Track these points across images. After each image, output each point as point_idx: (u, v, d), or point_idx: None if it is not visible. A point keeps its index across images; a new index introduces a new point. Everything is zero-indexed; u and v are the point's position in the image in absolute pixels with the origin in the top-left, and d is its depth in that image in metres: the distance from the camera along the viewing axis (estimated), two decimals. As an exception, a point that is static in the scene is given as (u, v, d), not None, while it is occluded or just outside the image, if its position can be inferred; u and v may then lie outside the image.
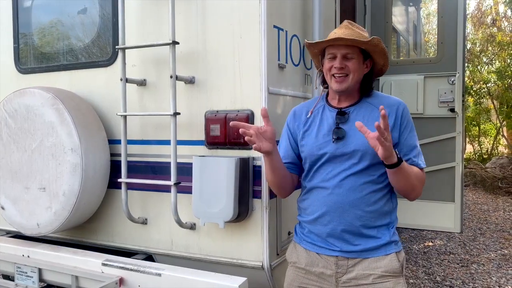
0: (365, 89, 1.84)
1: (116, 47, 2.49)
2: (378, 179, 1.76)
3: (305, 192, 1.91)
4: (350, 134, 1.76)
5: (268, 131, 1.70)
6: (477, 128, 12.13)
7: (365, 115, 1.78)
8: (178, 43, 2.30)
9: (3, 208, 2.64)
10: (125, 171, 2.47)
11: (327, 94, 1.92)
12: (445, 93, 4.02)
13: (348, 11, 3.96)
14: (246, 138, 1.66)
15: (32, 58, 2.98)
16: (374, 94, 1.86)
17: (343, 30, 1.75)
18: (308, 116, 1.89)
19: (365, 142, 1.66)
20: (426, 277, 4.34)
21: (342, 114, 1.80)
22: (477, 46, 11.97)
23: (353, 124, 1.73)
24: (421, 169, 1.80)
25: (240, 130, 1.67)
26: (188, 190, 2.33)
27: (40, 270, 2.51)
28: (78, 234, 2.82)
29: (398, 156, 1.62)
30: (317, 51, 1.87)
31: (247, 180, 2.24)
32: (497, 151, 11.95)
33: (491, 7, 12.89)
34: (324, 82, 1.89)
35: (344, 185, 1.75)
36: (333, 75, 1.77)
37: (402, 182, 1.72)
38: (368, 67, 1.81)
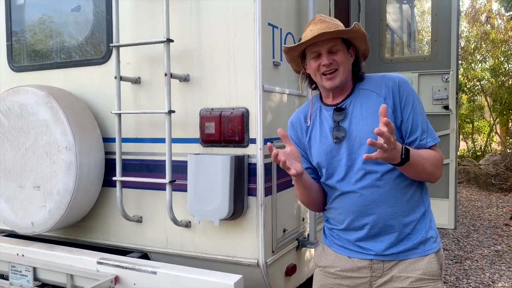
0: (356, 76, 1.74)
1: (110, 45, 2.48)
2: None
3: (329, 201, 1.77)
4: (353, 129, 1.65)
5: (293, 151, 1.57)
6: (470, 125, 12.20)
7: (362, 103, 1.68)
8: (172, 41, 2.30)
9: (-3, 207, 2.63)
10: (120, 169, 2.47)
11: (320, 93, 1.81)
12: (439, 90, 4.04)
13: (342, 9, 3.97)
14: (281, 164, 1.51)
15: (26, 56, 2.96)
16: (366, 78, 1.75)
17: (319, 25, 1.64)
18: (308, 125, 1.78)
19: (369, 132, 1.57)
20: (420, 273, 4.36)
21: (339, 111, 1.70)
22: (471, 43, 12.03)
23: (353, 119, 1.66)
24: (433, 147, 1.65)
25: (273, 155, 1.52)
26: (183, 188, 2.33)
27: (34, 269, 2.50)
28: (73, 233, 2.81)
29: (403, 155, 1.48)
30: (297, 54, 1.76)
31: (242, 177, 2.24)
32: (490, 148, 12.03)
33: (485, 5, 12.96)
34: (311, 84, 1.80)
35: (365, 185, 1.63)
36: (322, 73, 1.67)
37: (416, 175, 1.61)
38: (352, 55, 1.73)
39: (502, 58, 10.96)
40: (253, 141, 2.25)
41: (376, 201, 1.63)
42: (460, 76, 10.40)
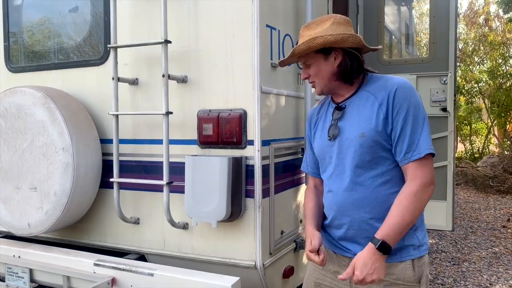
0: (348, 79, 1.70)
1: (108, 46, 2.47)
2: (382, 173, 1.62)
3: (324, 195, 1.84)
4: (346, 130, 1.67)
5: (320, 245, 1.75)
6: (468, 127, 12.21)
7: (360, 105, 1.67)
8: (170, 42, 2.29)
9: (-7, 208, 2.62)
10: (117, 170, 2.46)
11: None
12: (437, 92, 4.05)
13: (340, 11, 3.97)
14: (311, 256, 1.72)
15: (23, 56, 2.95)
16: (374, 78, 1.71)
17: (299, 40, 1.69)
18: (316, 119, 1.85)
19: (358, 136, 1.61)
20: (418, 275, 4.36)
21: (338, 110, 1.73)
22: (469, 45, 12.06)
23: (349, 120, 1.68)
24: (419, 161, 1.57)
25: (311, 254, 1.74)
26: (180, 190, 2.33)
27: (31, 270, 2.49)
28: (70, 234, 2.80)
29: (382, 252, 1.54)
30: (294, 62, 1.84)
31: (240, 179, 2.23)
32: (488, 150, 12.04)
33: (483, 7, 12.99)
34: None
35: (345, 186, 1.66)
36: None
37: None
38: (338, 57, 1.67)
39: (500, 60, 10.98)
40: (251, 142, 2.25)
41: (353, 204, 1.66)
42: (458, 78, 10.43)
